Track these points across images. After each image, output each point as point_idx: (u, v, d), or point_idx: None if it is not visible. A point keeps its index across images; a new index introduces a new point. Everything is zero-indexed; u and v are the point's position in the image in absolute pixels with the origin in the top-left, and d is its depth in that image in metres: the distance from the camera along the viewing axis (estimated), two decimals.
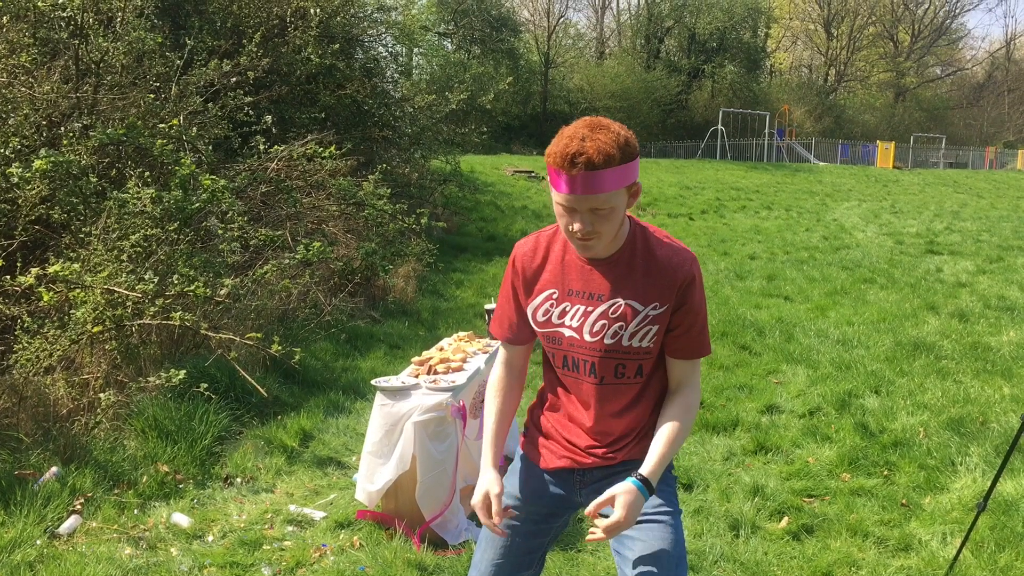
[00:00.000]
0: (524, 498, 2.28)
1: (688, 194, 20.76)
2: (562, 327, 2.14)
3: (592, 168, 1.88)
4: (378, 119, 12.14)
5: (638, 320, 2.07)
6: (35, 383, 4.78)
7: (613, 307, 2.08)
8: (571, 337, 2.13)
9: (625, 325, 2.07)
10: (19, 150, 6.03)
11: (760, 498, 4.29)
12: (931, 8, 54.64)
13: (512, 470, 2.36)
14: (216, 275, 5.97)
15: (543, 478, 2.28)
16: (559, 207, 2.00)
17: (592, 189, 1.91)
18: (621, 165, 1.92)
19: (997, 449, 4.83)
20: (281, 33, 10.43)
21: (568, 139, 1.92)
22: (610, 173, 1.90)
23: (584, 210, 1.95)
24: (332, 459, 4.94)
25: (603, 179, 1.90)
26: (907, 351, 7.11)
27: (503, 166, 21.35)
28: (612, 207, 1.95)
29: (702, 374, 6.58)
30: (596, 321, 2.09)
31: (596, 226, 1.97)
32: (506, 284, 2.26)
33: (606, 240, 2.02)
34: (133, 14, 7.47)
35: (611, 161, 1.89)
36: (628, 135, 1.95)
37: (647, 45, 45.40)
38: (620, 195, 1.96)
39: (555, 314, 2.15)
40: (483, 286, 10.36)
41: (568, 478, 2.25)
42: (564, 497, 2.27)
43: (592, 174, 1.89)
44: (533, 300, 2.19)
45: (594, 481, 2.22)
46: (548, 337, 2.18)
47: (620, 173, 1.92)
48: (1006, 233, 15.22)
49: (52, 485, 4.05)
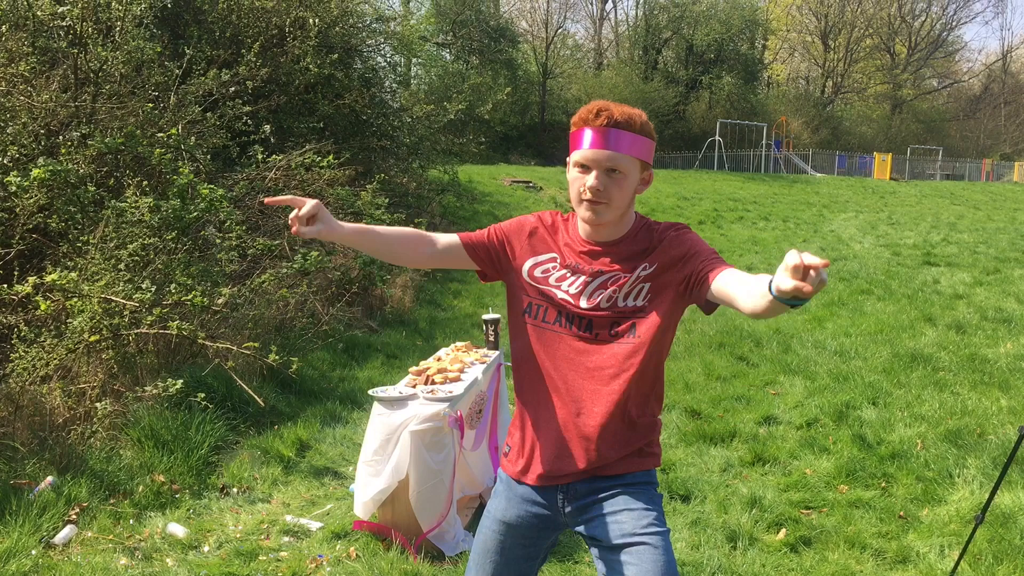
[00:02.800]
0: (508, 522, 2.25)
1: (686, 204, 20.79)
2: (557, 289, 2.18)
3: (613, 124, 2.04)
4: (376, 129, 12.16)
5: (631, 281, 2.13)
6: (31, 392, 4.76)
7: (612, 278, 2.14)
8: (564, 300, 2.17)
9: (619, 289, 2.13)
10: (17, 159, 6.04)
11: (758, 510, 4.29)
12: (928, 21, 54.81)
13: (495, 493, 2.32)
14: (214, 284, 5.96)
15: (525, 501, 2.24)
16: (575, 169, 2.11)
17: (611, 145, 2.04)
18: (640, 135, 2.07)
19: (995, 461, 4.83)
20: (280, 43, 10.45)
21: (595, 103, 2.10)
22: (629, 135, 2.05)
23: (601, 168, 2.06)
24: (329, 469, 4.93)
25: (622, 138, 2.05)
26: (904, 362, 7.11)
27: (501, 176, 21.36)
28: (625, 173, 2.07)
29: (699, 384, 6.61)
30: (594, 291, 2.14)
31: (608, 188, 2.06)
32: (511, 223, 2.31)
33: (614, 210, 2.10)
34: (132, 24, 7.48)
35: (632, 124, 2.06)
36: (649, 120, 2.11)
37: (645, 56, 45.49)
38: (634, 165, 2.09)
39: (554, 276, 2.20)
40: (481, 296, 10.36)
41: (551, 496, 2.21)
42: (549, 518, 2.23)
43: (612, 130, 2.04)
44: (537, 257, 2.24)
45: (579, 497, 2.18)
46: (540, 292, 2.21)
47: (638, 142, 2.07)
48: (1003, 245, 15.24)
49: (48, 495, 4.04)
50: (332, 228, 2.14)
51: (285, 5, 10.54)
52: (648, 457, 2.21)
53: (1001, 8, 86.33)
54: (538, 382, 2.21)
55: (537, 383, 2.21)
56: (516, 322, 2.26)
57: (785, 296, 1.63)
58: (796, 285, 1.57)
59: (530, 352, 2.22)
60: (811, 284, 1.59)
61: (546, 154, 36.18)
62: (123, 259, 5.54)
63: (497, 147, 32.32)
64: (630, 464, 2.16)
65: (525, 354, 2.23)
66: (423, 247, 2.26)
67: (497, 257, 2.28)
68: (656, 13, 45.11)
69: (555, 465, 2.18)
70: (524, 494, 2.24)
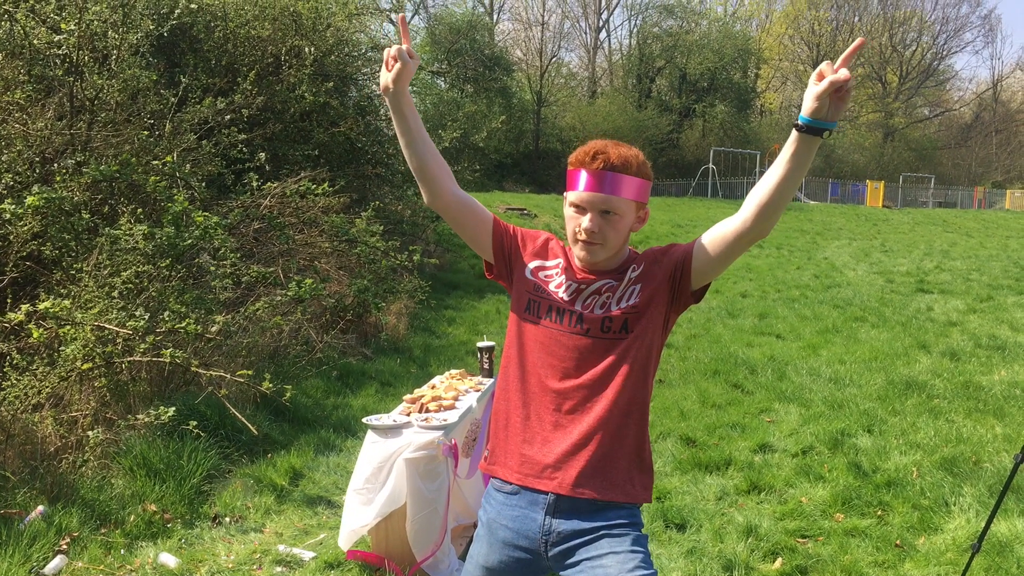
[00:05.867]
0: (491, 567, 2.23)
1: (680, 232, 20.84)
2: (554, 293, 2.21)
3: (610, 167, 2.07)
4: (371, 156, 12.19)
5: (623, 285, 2.17)
6: (23, 420, 4.73)
7: (607, 286, 2.17)
8: (560, 300, 2.19)
9: (612, 295, 2.16)
10: (12, 186, 6.04)
11: (754, 538, 4.26)
12: (918, 50, 55.36)
13: (477, 537, 2.29)
14: (207, 312, 5.95)
15: (506, 546, 2.20)
16: (571, 209, 2.15)
17: (606, 188, 2.08)
18: (636, 177, 2.10)
19: (991, 489, 4.82)
20: (276, 71, 10.50)
21: (592, 143, 2.13)
22: (625, 178, 2.09)
23: (595, 210, 2.10)
24: (322, 498, 4.90)
25: (617, 181, 2.08)
26: (899, 390, 7.11)
27: (496, 203, 21.42)
28: (620, 215, 2.10)
29: (694, 411, 6.59)
30: (590, 296, 2.18)
31: (603, 230, 2.10)
32: (528, 230, 2.35)
33: (609, 250, 2.14)
34: (129, 52, 7.51)
35: (628, 167, 2.09)
36: (646, 160, 2.14)
37: (639, 85, 45.86)
38: (630, 207, 2.12)
39: (554, 282, 2.22)
40: (475, 323, 10.35)
41: (534, 537, 2.16)
42: (531, 562, 2.20)
43: (608, 173, 2.07)
44: (544, 261, 2.28)
45: (562, 540, 2.13)
46: (535, 286, 2.23)
47: (634, 184, 2.10)
48: (996, 272, 15.29)
49: (38, 524, 4.00)
50: (404, 88, 2.14)
51: (281, 34, 10.61)
52: (633, 488, 2.17)
53: (991, 38, 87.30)
54: (527, 377, 2.21)
55: (526, 379, 2.21)
56: (515, 320, 2.27)
57: (817, 111, 1.82)
58: (832, 79, 1.77)
59: (523, 349, 2.22)
60: (842, 77, 1.77)
61: (540, 181, 36.35)
62: (117, 287, 5.53)
63: (492, 175, 32.43)
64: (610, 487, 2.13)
65: (517, 351, 2.24)
66: (451, 180, 2.27)
67: (511, 247, 2.30)
68: (650, 42, 45.55)
69: (539, 459, 2.16)
70: (506, 538, 2.20)
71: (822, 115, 1.84)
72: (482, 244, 2.30)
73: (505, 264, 2.30)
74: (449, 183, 2.25)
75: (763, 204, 1.98)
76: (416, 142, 2.21)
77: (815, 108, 1.83)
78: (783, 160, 1.93)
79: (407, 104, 2.17)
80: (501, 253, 2.30)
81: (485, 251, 2.31)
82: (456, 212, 2.27)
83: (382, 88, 2.14)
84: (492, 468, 2.28)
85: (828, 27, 54.14)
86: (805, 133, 1.87)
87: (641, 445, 2.19)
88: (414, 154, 2.21)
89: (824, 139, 1.89)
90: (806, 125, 1.86)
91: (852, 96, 1.85)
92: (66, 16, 6.81)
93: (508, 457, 2.23)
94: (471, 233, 2.30)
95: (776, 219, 2.03)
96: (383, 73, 2.12)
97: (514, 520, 2.19)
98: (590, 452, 2.12)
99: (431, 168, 2.22)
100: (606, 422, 2.12)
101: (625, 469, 2.16)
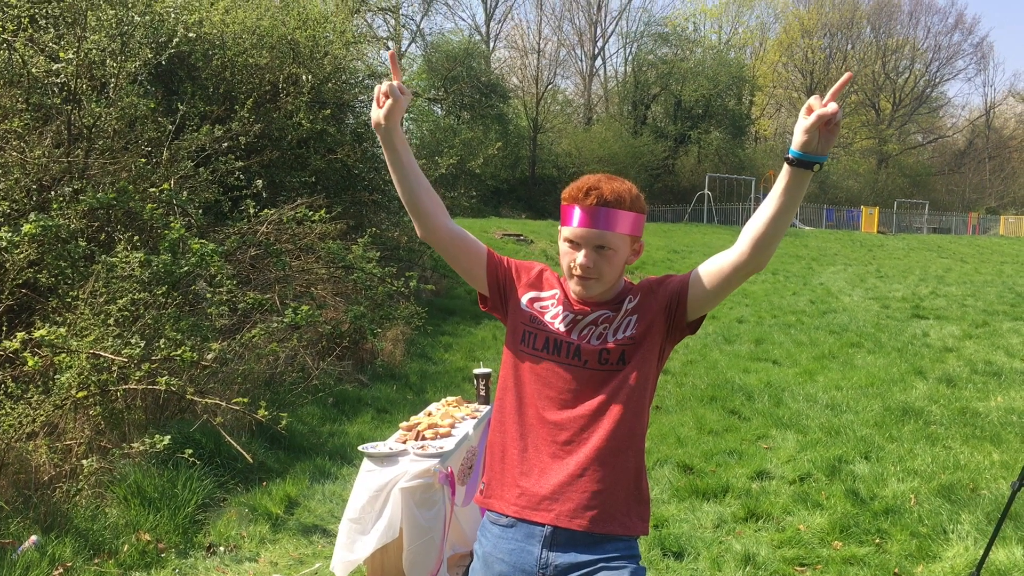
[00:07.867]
0: None
1: (676, 258, 20.90)
2: (551, 324, 2.21)
3: (603, 203, 2.08)
4: (368, 183, 12.23)
5: (620, 316, 2.17)
6: (17, 449, 4.71)
7: (603, 316, 2.18)
8: (557, 331, 2.19)
9: (609, 326, 2.17)
10: (8, 214, 6.04)
11: (752, 567, 4.24)
12: (911, 78, 55.84)
13: (472, 571, 2.27)
14: (203, 339, 5.93)
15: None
16: (566, 244, 2.15)
17: (600, 224, 2.09)
18: (630, 212, 2.11)
19: (988, 516, 4.80)
20: (273, 99, 10.55)
21: (585, 179, 2.13)
22: (619, 214, 2.09)
23: (590, 246, 2.10)
24: (317, 526, 4.87)
25: (612, 217, 2.09)
26: (896, 416, 7.10)
27: (492, 229, 21.48)
28: (615, 250, 2.11)
29: (691, 438, 6.57)
30: (586, 327, 2.18)
31: (598, 265, 2.11)
32: (522, 261, 2.35)
33: (604, 284, 2.15)
34: (127, 80, 7.55)
35: (621, 202, 2.09)
36: (640, 193, 2.15)
37: (634, 111, 46.15)
38: (624, 241, 2.13)
39: (550, 313, 2.22)
40: (472, 349, 10.33)
41: (531, 571, 2.13)
42: None
43: (602, 209, 2.08)
44: (539, 292, 2.28)
45: (560, 574, 2.11)
46: (530, 317, 2.23)
47: (628, 218, 2.10)
48: (991, 298, 15.33)
49: (31, 554, 3.97)
50: (396, 124, 2.15)
51: (279, 62, 10.67)
52: (630, 520, 2.15)
53: (983, 65, 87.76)
54: (524, 409, 2.20)
55: (523, 410, 2.20)
56: (511, 351, 2.26)
57: (807, 144, 1.86)
58: (820, 113, 1.82)
59: (519, 380, 2.22)
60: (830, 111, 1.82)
61: (537, 207, 36.46)
62: (112, 314, 5.52)
63: (488, 201, 32.53)
64: (611, 521, 2.11)
65: (513, 382, 2.23)
66: (444, 214, 2.27)
67: (505, 279, 2.30)
68: (645, 69, 45.91)
69: (536, 491, 2.15)
70: (502, 572, 2.18)
71: (812, 148, 1.88)
72: (476, 277, 2.30)
73: (500, 296, 2.30)
74: (442, 217, 2.26)
75: (759, 237, 2.00)
76: (408, 177, 2.22)
77: (805, 141, 1.87)
78: (776, 193, 1.96)
79: (399, 139, 2.18)
80: (496, 285, 2.30)
81: (480, 284, 2.31)
82: (449, 245, 2.27)
83: (373, 124, 2.15)
84: (488, 501, 2.26)
85: (821, 55, 54.66)
86: (796, 167, 1.91)
87: (639, 476, 2.18)
88: (406, 189, 2.23)
89: (815, 172, 1.91)
90: (796, 159, 1.90)
91: (841, 129, 1.89)
92: (64, 45, 6.84)
93: (505, 489, 2.21)
94: (465, 266, 2.30)
95: (772, 251, 2.04)
96: (374, 109, 2.14)
97: (510, 554, 2.17)
98: (588, 483, 2.11)
99: (423, 203, 2.23)
100: (604, 453, 2.12)
101: (623, 501, 2.15)
